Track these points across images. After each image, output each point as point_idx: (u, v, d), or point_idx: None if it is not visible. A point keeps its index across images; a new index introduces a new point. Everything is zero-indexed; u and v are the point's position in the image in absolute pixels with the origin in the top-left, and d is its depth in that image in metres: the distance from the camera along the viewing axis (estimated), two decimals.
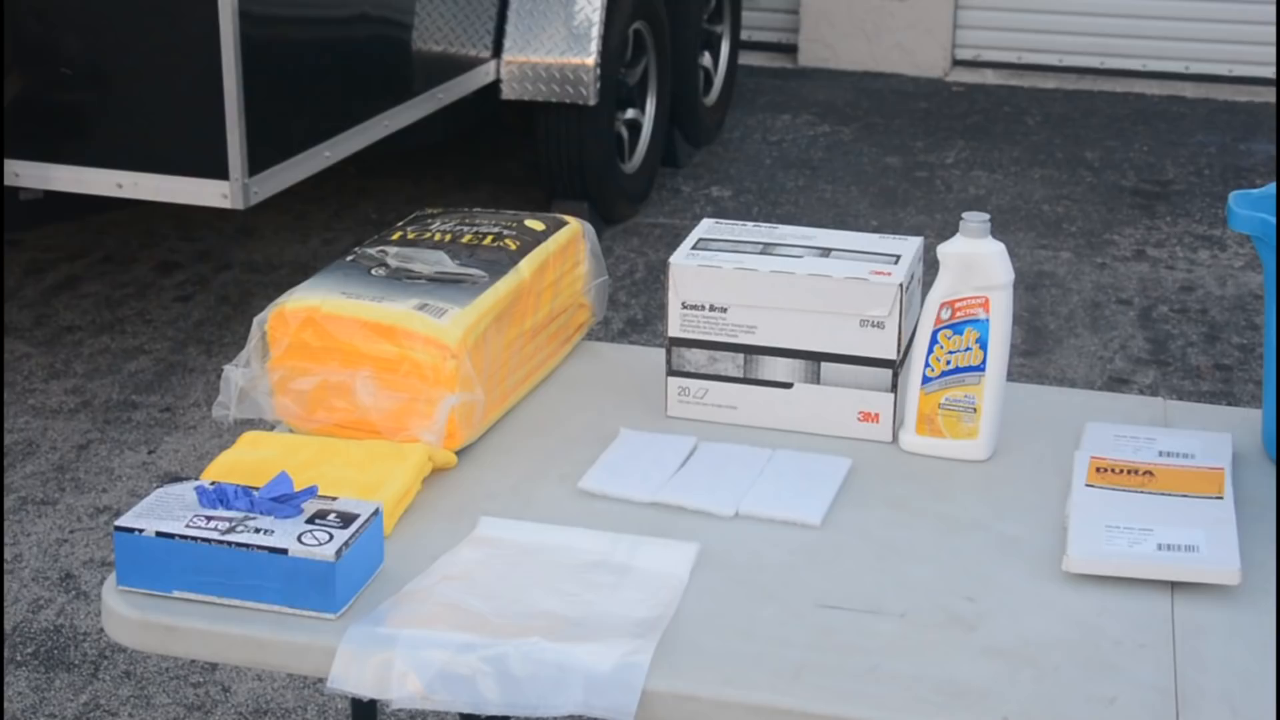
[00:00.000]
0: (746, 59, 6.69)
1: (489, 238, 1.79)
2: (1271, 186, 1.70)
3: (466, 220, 1.85)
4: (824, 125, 6.17)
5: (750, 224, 1.82)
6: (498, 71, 4.65)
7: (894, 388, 1.68)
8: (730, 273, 1.70)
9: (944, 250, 1.63)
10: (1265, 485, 1.61)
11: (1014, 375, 3.99)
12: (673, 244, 4.65)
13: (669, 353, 1.74)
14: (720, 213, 5.13)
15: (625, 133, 5.07)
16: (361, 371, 1.62)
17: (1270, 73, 6.70)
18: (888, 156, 5.79)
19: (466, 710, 1.30)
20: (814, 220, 5.05)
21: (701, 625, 1.36)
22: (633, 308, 4.39)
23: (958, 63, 7.02)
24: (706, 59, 5.86)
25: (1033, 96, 6.61)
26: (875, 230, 4.74)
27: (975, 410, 1.65)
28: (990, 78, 6.88)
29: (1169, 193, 5.44)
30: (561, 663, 1.29)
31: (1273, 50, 6.71)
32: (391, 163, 5.32)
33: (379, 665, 1.31)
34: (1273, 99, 6.56)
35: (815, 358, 1.69)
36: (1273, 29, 6.70)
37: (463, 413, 1.61)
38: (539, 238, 1.82)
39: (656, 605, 1.37)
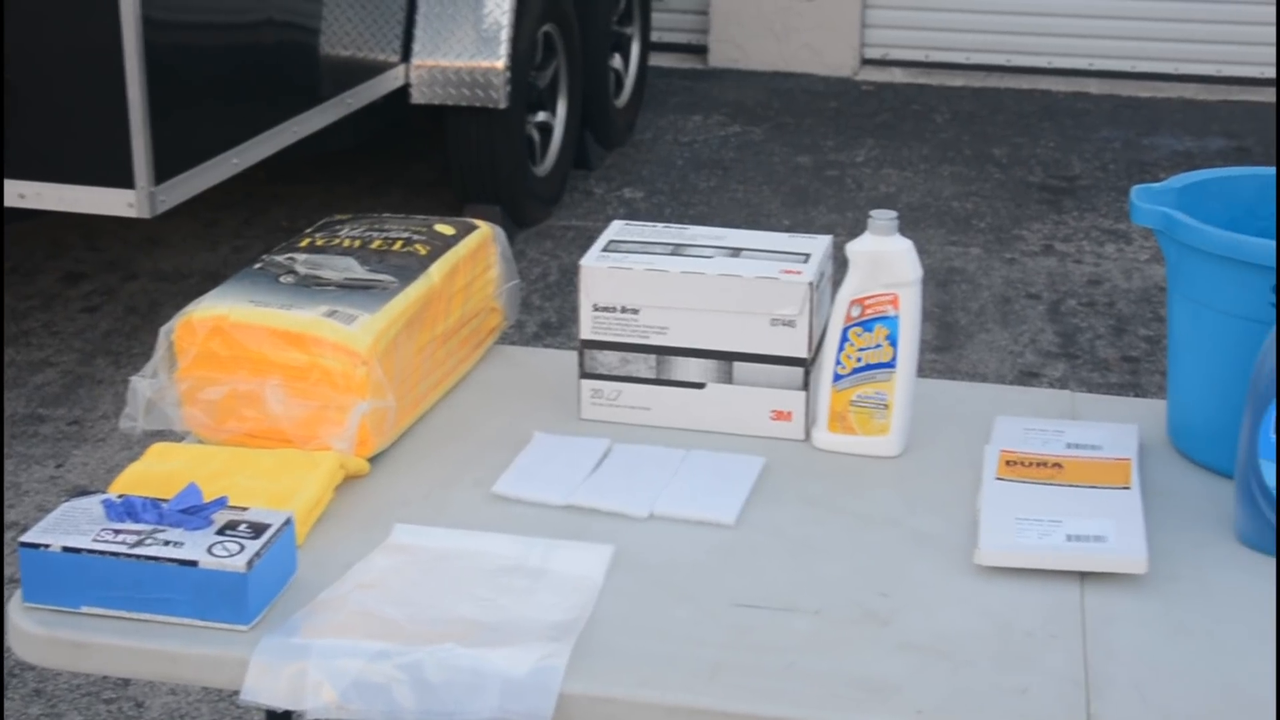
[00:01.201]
0: (657, 60, 6.71)
1: (398, 243, 1.78)
2: (1172, 180, 1.73)
3: (375, 226, 1.84)
4: (735, 125, 6.19)
5: (661, 225, 1.83)
6: (407, 76, 4.63)
7: (806, 386, 1.69)
8: (641, 274, 1.70)
9: (852, 248, 1.65)
10: (1170, 474, 1.63)
11: (926, 371, 4.03)
12: (586, 246, 4.65)
13: (581, 355, 1.74)
14: (633, 214, 5.13)
15: (536, 135, 5.06)
16: (271, 380, 1.60)
17: (1169, 69, 6.80)
18: (799, 156, 5.82)
19: (382, 719, 1.29)
20: (726, 220, 5.07)
21: (617, 627, 1.36)
22: (546, 311, 4.39)
23: (866, 62, 7.07)
24: (617, 61, 5.87)
25: (941, 94, 6.67)
26: (787, 229, 4.77)
27: (887, 407, 1.66)
28: (898, 76, 6.93)
29: (1075, 188, 5.51)
30: (477, 668, 1.28)
31: (1173, 46, 6.81)
32: (302, 168, 5.28)
33: (293, 676, 1.29)
34: (1173, 94, 6.66)
35: (727, 357, 1.70)
36: (1176, 25, 6.81)
37: (374, 419, 1.60)
38: (449, 242, 1.81)
39: (572, 608, 1.37)
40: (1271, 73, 6.73)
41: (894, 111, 6.43)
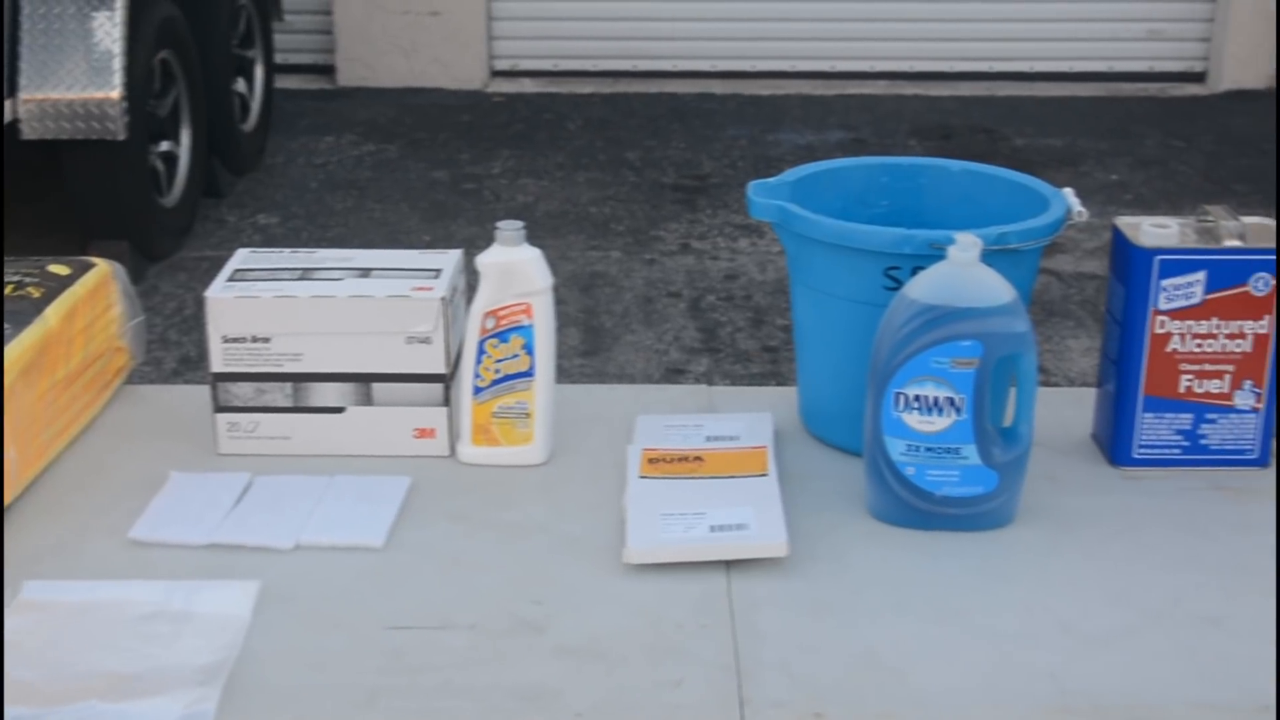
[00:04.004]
0: (284, 82, 6.59)
1: (9, 287, 1.70)
2: (787, 174, 1.79)
3: None
4: (368, 144, 6.14)
5: (288, 250, 1.80)
6: (14, 111, 4.42)
7: (447, 401, 1.68)
8: (270, 301, 1.67)
9: (482, 260, 1.65)
10: (805, 457, 1.69)
11: (575, 376, 4.07)
12: None
13: (214, 388, 1.69)
14: (269, 240, 5.03)
15: (161, 165, 4.91)
16: None
17: (787, 66, 7.06)
18: (435, 171, 5.81)
19: None
20: (366, 240, 5.02)
21: (269, 663, 1.33)
22: (185, 345, 4.26)
23: (496, 73, 7.11)
24: (241, 85, 5.74)
25: (572, 102, 6.76)
26: (428, 245, 4.76)
27: (529, 415, 1.67)
28: (529, 86, 6.99)
29: (707, 186, 5.66)
30: None
31: (790, 45, 7.07)
32: None
33: None
34: (792, 91, 6.92)
35: (365, 379, 1.68)
36: (790, 25, 7.07)
37: None
38: (65, 283, 1.74)
39: (219, 649, 1.33)
40: (881, 67, 7.06)
41: (527, 121, 6.48)
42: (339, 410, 1.69)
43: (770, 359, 4.22)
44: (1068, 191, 1.70)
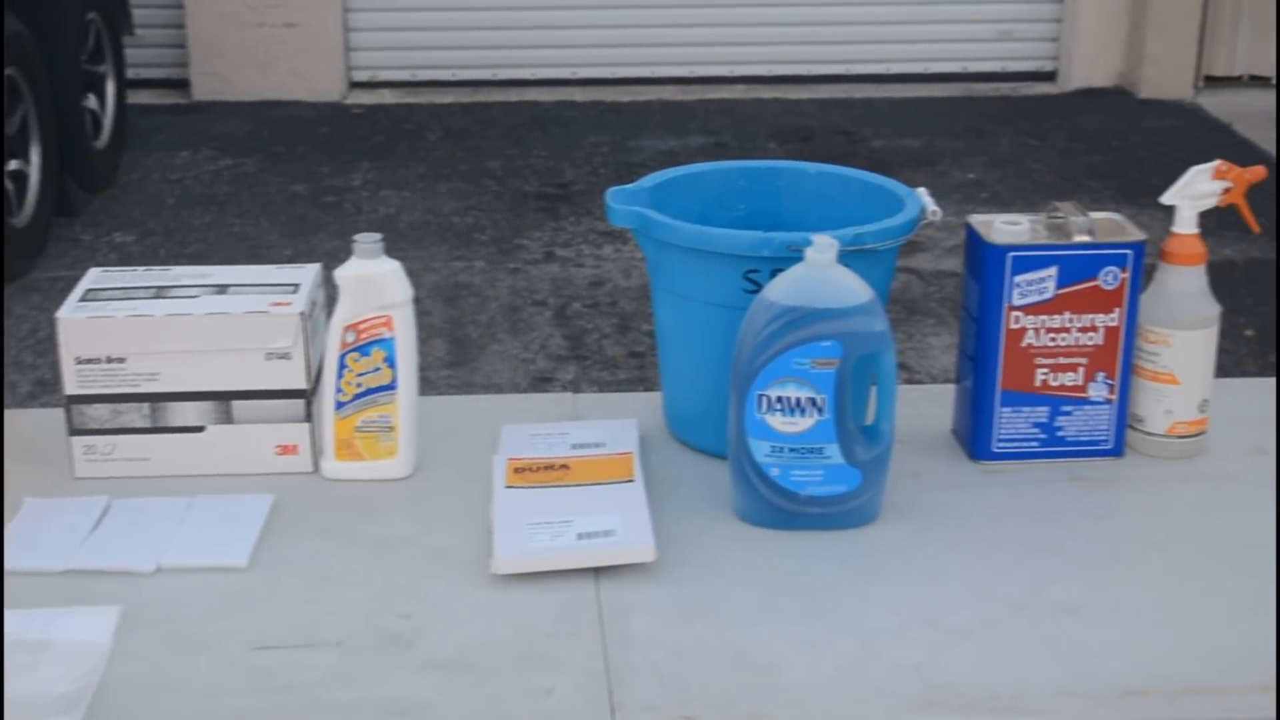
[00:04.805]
0: (136, 97, 6.47)
1: None
2: (644, 180, 1.80)
3: None
4: (226, 159, 6.06)
5: (142, 269, 1.77)
6: None
7: (309, 417, 1.67)
8: (124, 321, 1.64)
9: (340, 274, 1.64)
10: (671, 462, 1.69)
11: (441, 387, 4.05)
12: None
13: (68, 411, 1.66)
14: (125, 259, 4.94)
15: (10, 185, 4.79)
16: None
17: (647, 73, 7.09)
18: (295, 184, 5.74)
19: None
20: (226, 256, 4.95)
21: (131, 689, 1.30)
22: (40, 368, 4.16)
23: (355, 84, 7.04)
24: (92, 101, 5.63)
25: (432, 112, 6.72)
26: (290, 259, 4.70)
27: (392, 429, 1.65)
28: (388, 97, 6.94)
29: (570, 194, 5.66)
30: None
31: (649, 51, 7.10)
32: None
33: None
34: (653, 97, 6.94)
35: (225, 397, 1.65)
36: (650, 31, 7.09)
37: None
38: None
39: (79, 677, 1.30)
40: (740, 71, 7.12)
41: (387, 133, 6.43)
42: (199, 429, 1.66)
43: (637, 364, 4.23)
44: (922, 191, 1.73)
